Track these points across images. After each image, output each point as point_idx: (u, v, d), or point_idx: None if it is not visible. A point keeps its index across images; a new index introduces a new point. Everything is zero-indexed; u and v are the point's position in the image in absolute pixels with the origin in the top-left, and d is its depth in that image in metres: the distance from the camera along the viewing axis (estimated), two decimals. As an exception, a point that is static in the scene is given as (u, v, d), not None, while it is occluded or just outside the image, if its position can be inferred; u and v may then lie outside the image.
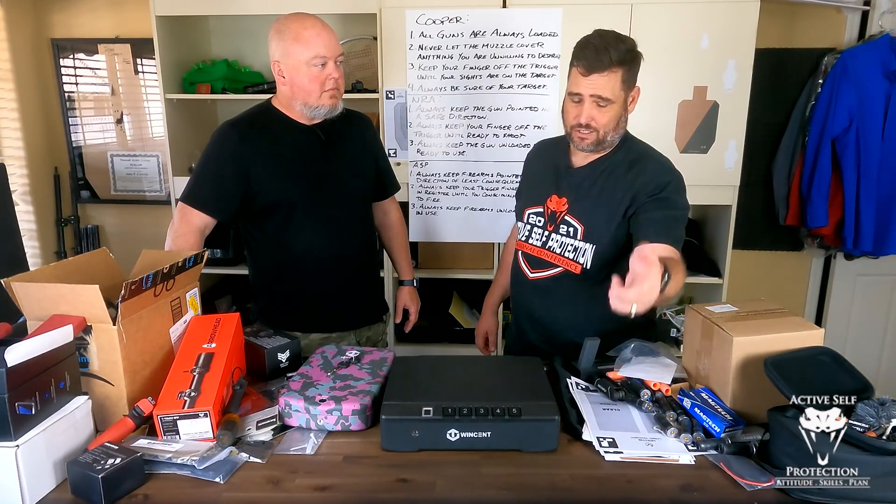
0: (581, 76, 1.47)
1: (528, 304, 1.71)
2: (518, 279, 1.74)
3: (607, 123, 1.50)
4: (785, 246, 3.03)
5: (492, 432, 1.17)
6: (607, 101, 1.47)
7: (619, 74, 1.46)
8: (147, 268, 1.30)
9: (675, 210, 1.50)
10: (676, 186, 1.53)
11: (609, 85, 1.46)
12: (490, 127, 2.56)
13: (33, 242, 3.13)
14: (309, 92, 1.68)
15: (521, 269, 1.70)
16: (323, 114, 1.73)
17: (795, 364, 1.16)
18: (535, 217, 1.67)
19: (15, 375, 1.00)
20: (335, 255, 1.82)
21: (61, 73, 3.10)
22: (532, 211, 1.68)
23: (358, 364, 1.42)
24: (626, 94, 1.50)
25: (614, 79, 1.46)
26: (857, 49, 2.66)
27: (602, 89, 1.46)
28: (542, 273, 1.65)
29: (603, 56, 1.44)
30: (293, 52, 1.65)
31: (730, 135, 2.48)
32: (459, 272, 2.80)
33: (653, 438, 1.20)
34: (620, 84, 1.47)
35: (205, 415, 1.17)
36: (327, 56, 1.65)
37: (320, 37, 1.64)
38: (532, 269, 1.67)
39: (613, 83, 1.46)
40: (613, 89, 1.47)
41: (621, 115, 1.52)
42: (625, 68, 1.46)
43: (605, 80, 1.45)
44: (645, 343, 1.48)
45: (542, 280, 1.65)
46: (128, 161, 3.19)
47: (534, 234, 1.67)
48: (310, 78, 1.66)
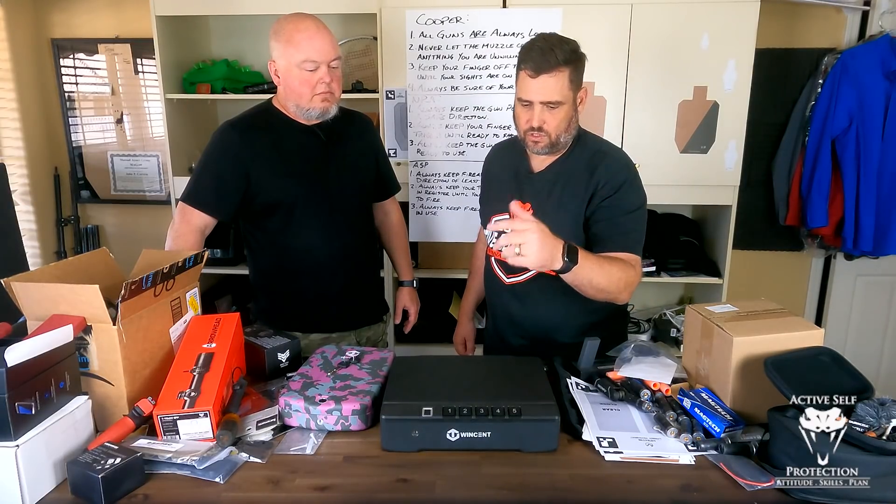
0: (529, 79, 1.49)
1: (507, 308, 1.72)
2: (494, 284, 1.74)
3: (558, 125, 1.52)
4: (785, 246, 3.03)
5: (492, 432, 1.17)
6: (557, 103, 1.49)
7: (566, 74, 1.48)
8: (147, 268, 1.30)
9: (629, 212, 1.54)
10: (631, 183, 1.56)
11: (557, 86, 1.48)
12: (490, 127, 2.56)
13: (33, 242, 3.13)
14: (299, 94, 1.68)
15: (497, 275, 1.71)
16: (315, 116, 1.73)
17: (795, 364, 1.16)
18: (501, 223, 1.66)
19: (15, 375, 1.00)
20: (335, 256, 1.82)
21: (61, 73, 3.10)
22: (499, 218, 1.66)
23: (358, 364, 1.42)
24: (573, 93, 1.52)
25: (562, 79, 1.48)
26: (857, 49, 2.66)
27: (550, 93, 1.48)
28: (518, 277, 1.66)
29: (549, 56, 1.46)
30: (286, 54, 1.65)
31: (730, 135, 2.48)
32: (459, 272, 2.79)
33: (653, 438, 1.20)
34: (568, 84, 1.49)
35: (205, 415, 1.17)
36: (318, 60, 1.65)
37: (313, 40, 1.64)
38: (508, 275, 1.68)
39: (561, 84, 1.48)
40: (562, 90, 1.49)
41: (572, 116, 1.54)
42: (570, 68, 1.49)
43: (553, 80, 1.48)
44: (645, 343, 1.48)
45: (520, 284, 1.66)
46: (128, 161, 3.19)
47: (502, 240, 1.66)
48: (300, 81, 1.66)
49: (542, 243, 1.28)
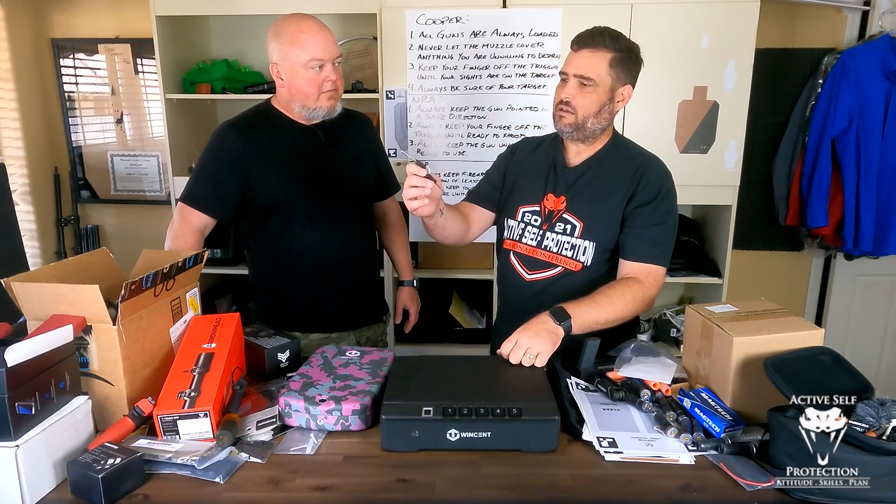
0: (572, 53, 1.52)
1: (525, 305, 1.69)
2: (512, 282, 1.70)
3: (587, 105, 1.51)
4: (785, 246, 3.03)
5: (492, 432, 1.17)
6: (590, 80, 1.49)
7: (608, 58, 1.49)
8: (147, 268, 1.30)
9: (662, 222, 1.56)
10: (669, 190, 1.58)
11: (594, 63, 1.49)
12: (490, 127, 2.56)
13: (33, 242, 3.13)
14: (307, 94, 1.68)
15: (516, 272, 1.68)
16: (321, 115, 1.73)
17: (795, 364, 1.16)
18: (529, 215, 1.65)
19: (15, 375, 0.99)
20: (335, 255, 1.82)
21: (61, 73, 3.10)
22: (527, 209, 1.66)
23: (358, 364, 1.42)
24: (612, 82, 1.51)
25: (601, 59, 1.49)
26: (858, 49, 2.66)
27: (587, 68, 1.49)
28: (541, 274, 1.64)
29: (597, 37, 1.49)
30: (290, 55, 1.64)
31: (730, 135, 2.49)
32: (459, 272, 2.80)
33: (653, 438, 1.20)
34: (607, 68, 1.49)
35: (205, 415, 1.17)
36: (324, 59, 1.65)
37: (317, 39, 1.64)
38: (529, 271, 1.65)
39: (599, 63, 1.49)
40: (598, 70, 1.49)
41: (604, 104, 1.53)
42: (614, 55, 1.49)
43: (592, 56, 1.49)
44: (645, 343, 1.48)
45: (541, 281, 1.64)
46: (128, 161, 3.19)
47: (527, 233, 1.65)
48: (307, 81, 1.66)
49: (537, 335, 1.38)
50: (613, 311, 1.47)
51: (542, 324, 1.41)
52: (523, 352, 1.37)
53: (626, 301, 1.49)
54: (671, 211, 1.58)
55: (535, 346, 1.37)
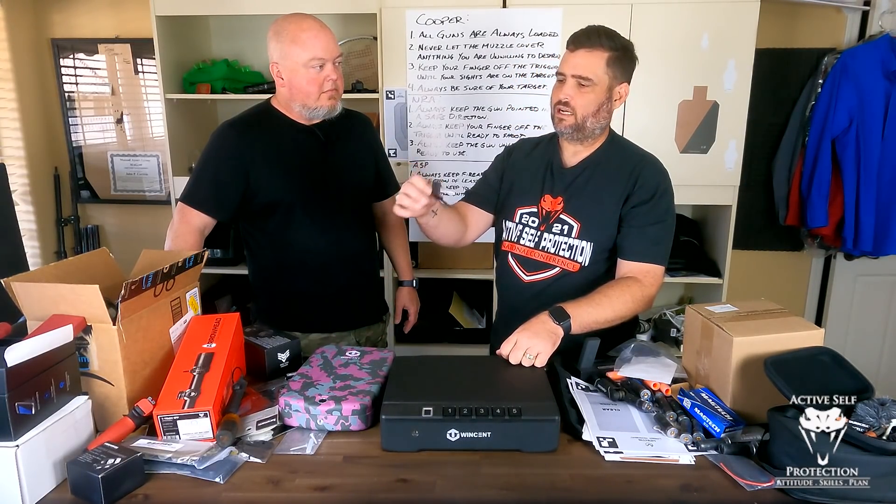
0: (569, 53, 1.53)
1: (523, 306, 1.69)
2: (511, 283, 1.70)
3: (586, 105, 1.52)
4: (785, 246, 3.03)
5: (492, 432, 1.17)
6: (588, 81, 1.49)
7: (604, 57, 1.49)
8: (147, 268, 1.30)
9: (660, 221, 1.56)
10: (666, 188, 1.59)
11: (592, 63, 1.49)
12: (490, 127, 2.56)
13: (33, 242, 3.13)
14: (307, 94, 1.68)
15: (515, 273, 1.68)
16: (322, 115, 1.73)
17: (795, 364, 1.16)
18: (527, 216, 1.65)
19: (15, 375, 0.99)
20: (335, 255, 1.82)
21: (61, 73, 3.10)
22: (525, 210, 1.66)
23: (358, 364, 1.42)
24: (610, 80, 1.51)
25: (598, 59, 1.49)
26: (857, 49, 2.66)
27: (584, 68, 1.49)
28: (540, 275, 1.64)
29: (593, 37, 1.50)
30: (291, 55, 1.64)
31: (730, 135, 2.49)
32: (459, 272, 2.80)
33: (653, 438, 1.20)
34: (604, 67, 1.50)
35: (205, 415, 1.17)
36: (325, 58, 1.65)
37: (318, 39, 1.64)
38: (528, 273, 1.66)
39: (596, 63, 1.49)
40: (595, 69, 1.49)
41: (603, 104, 1.53)
42: (611, 54, 1.49)
43: (589, 56, 1.49)
44: (645, 343, 1.48)
45: (540, 282, 1.64)
46: (128, 161, 3.19)
47: (525, 234, 1.65)
48: (308, 80, 1.66)
49: (537, 335, 1.39)
50: (613, 311, 1.47)
51: (541, 324, 1.41)
52: (523, 352, 1.37)
53: (626, 300, 1.49)
54: (668, 209, 1.58)
55: (534, 346, 1.37)
